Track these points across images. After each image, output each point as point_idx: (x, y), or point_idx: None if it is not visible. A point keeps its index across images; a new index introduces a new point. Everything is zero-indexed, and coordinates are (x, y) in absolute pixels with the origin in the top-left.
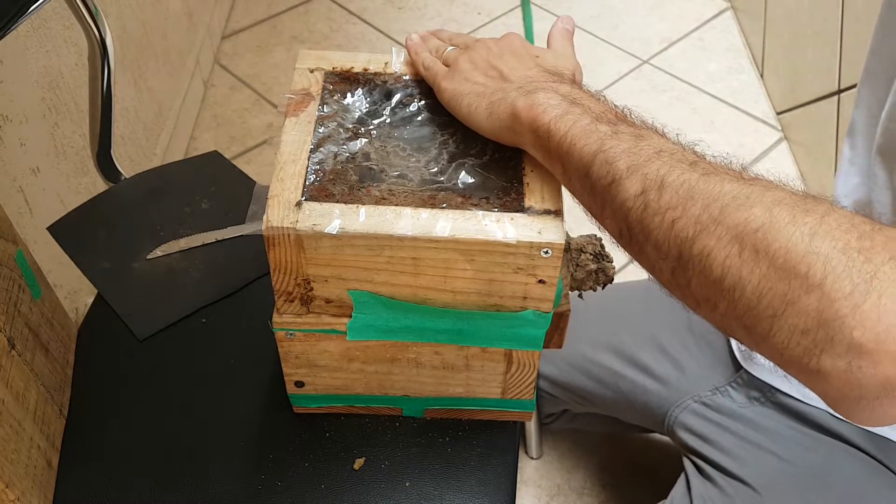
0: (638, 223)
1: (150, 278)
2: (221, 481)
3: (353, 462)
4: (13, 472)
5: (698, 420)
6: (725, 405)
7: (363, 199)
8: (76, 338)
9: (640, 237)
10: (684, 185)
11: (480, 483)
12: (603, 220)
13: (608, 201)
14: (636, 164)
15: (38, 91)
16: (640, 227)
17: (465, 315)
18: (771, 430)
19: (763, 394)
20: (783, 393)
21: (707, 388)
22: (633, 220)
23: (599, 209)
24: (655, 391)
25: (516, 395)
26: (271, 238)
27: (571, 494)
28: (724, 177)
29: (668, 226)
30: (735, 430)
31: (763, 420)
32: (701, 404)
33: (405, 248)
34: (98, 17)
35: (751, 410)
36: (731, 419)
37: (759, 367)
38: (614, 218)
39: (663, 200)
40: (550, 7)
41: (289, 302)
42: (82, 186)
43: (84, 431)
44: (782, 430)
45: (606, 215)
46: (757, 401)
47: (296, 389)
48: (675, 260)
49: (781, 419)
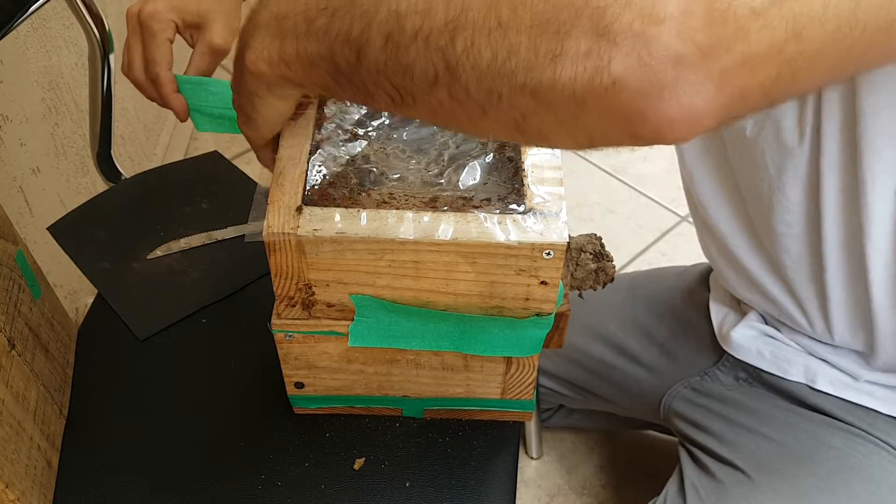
0: (398, 70)
1: (150, 278)
2: (221, 481)
3: (353, 462)
4: (13, 472)
5: (689, 406)
6: (714, 389)
7: (364, 203)
8: (76, 338)
9: (407, 82)
10: (420, 2)
11: (480, 483)
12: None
13: (366, 75)
14: (367, 22)
15: (38, 91)
16: (402, 71)
17: (467, 318)
18: (759, 410)
19: (748, 374)
20: (764, 371)
21: (695, 373)
22: (393, 71)
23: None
24: (646, 379)
25: (516, 396)
26: (272, 243)
27: (571, 494)
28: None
29: (423, 48)
30: (725, 415)
31: (751, 401)
32: (691, 389)
33: (407, 251)
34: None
35: (739, 392)
36: (721, 403)
37: (736, 345)
38: (378, 86)
39: (407, 30)
40: None
41: (290, 307)
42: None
43: (84, 431)
44: (770, 410)
45: (372, 91)
46: (745, 381)
47: (296, 391)
48: (445, 75)
49: (768, 398)
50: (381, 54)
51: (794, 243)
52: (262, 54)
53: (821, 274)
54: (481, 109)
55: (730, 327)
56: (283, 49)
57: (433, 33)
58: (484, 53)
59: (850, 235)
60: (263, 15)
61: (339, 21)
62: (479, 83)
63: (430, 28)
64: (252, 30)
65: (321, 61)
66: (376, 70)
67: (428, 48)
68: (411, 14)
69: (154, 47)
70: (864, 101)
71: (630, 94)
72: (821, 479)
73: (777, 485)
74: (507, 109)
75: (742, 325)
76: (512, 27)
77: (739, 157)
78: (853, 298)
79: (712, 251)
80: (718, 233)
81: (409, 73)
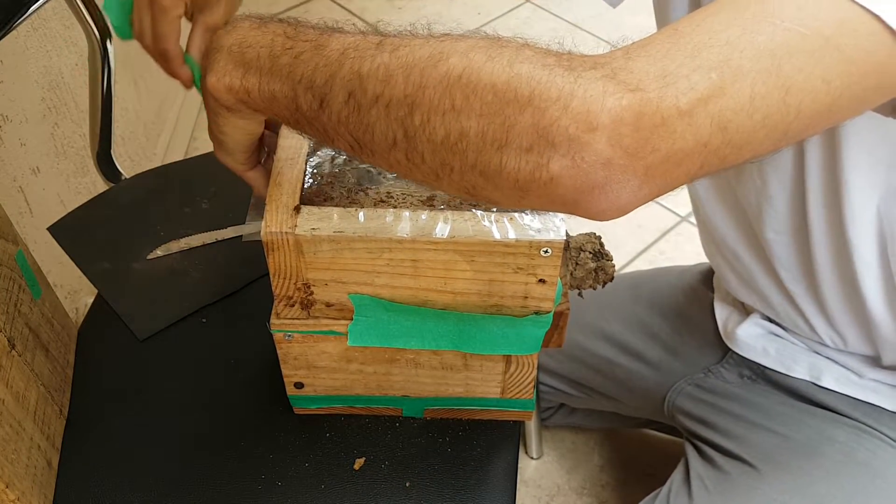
0: (359, 127)
1: (150, 278)
2: (221, 481)
3: (353, 462)
4: (13, 472)
5: (694, 403)
6: (718, 386)
7: (362, 202)
8: (76, 338)
9: (367, 139)
10: (381, 69)
11: (480, 483)
12: (335, 144)
13: (327, 122)
14: (330, 74)
15: (38, 91)
16: (362, 129)
17: (466, 316)
18: (764, 406)
19: (753, 371)
20: (769, 368)
21: (699, 370)
22: (354, 126)
23: (326, 135)
24: (650, 376)
25: (516, 395)
26: (270, 243)
27: (571, 494)
28: (413, 44)
29: (384, 114)
30: (730, 410)
31: (756, 397)
32: (695, 386)
33: (405, 250)
34: (98, 18)
35: (743, 389)
36: (725, 399)
37: (741, 343)
38: (339, 135)
39: (369, 93)
40: (550, 7)
41: (289, 306)
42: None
43: (84, 431)
44: (774, 406)
45: (333, 136)
46: (749, 378)
47: (295, 391)
48: (403, 142)
49: (772, 395)
50: (344, 109)
51: (786, 252)
52: (223, 79)
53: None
54: (436, 175)
55: (735, 325)
56: (245, 79)
57: (392, 103)
58: (438, 131)
59: (839, 250)
60: (227, 39)
61: (303, 66)
62: (433, 155)
63: (391, 97)
64: (215, 52)
65: (284, 99)
66: (338, 121)
67: (388, 115)
68: (372, 79)
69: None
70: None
71: (566, 189)
72: (827, 471)
73: (783, 476)
74: (458, 180)
75: (747, 323)
76: (464, 112)
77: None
78: (852, 309)
79: (715, 256)
80: (719, 237)
81: (369, 131)
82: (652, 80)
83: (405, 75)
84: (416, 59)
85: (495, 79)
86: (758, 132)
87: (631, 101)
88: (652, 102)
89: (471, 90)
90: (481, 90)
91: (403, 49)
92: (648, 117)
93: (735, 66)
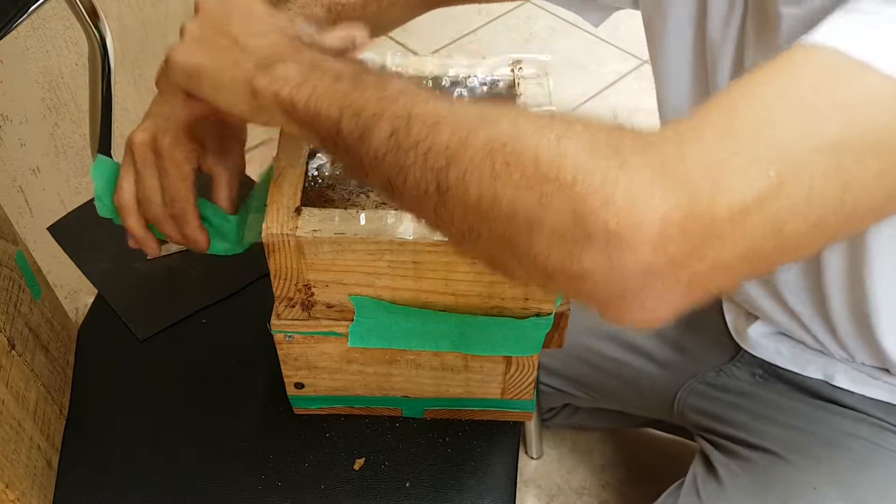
0: (394, 167)
1: (150, 278)
2: (221, 481)
3: (353, 462)
4: (13, 472)
5: (707, 401)
6: (731, 384)
7: (363, 204)
8: (76, 338)
9: (399, 182)
10: (431, 115)
11: (480, 483)
12: (368, 179)
13: (364, 155)
14: (382, 108)
15: (38, 91)
16: (396, 170)
17: (467, 318)
18: (781, 404)
19: (766, 370)
20: (782, 368)
21: (710, 368)
22: (389, 166)
23: (360, 168)
24: (659, 375)
25: (516, 396)
26: (271, 244)
27: (571, 494)
28: (471, 103)
29: (421, 160)
30: (746, 407)
31: (770, 395)
32: (707, 385)
33: (406, 251)
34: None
35: (757, 387)
36: (741, 397)
37: (753, 342)
38: (374, 171)
39: (412, 135)
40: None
41: (290, 307)
42: (82, 186)
43: (84, 431)
44: (790, 404)
45: (367, 171)
46: (761, 377)
47: (296, 391)
48: (434, 195)
49: (787, 392)
50: (383, 145)
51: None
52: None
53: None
54: (462, 237)
55: (745, 325)
56: (300, 88)
57: (432, 151)
58: (472, 191)
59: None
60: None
61: (358, 93)
62: (463, 216)
63: (431, 145)
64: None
65: (327, 120)
66: (375, 156)
67: (425, 163)
68: (419, 122)
69: (179, 180)
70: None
71: (596, 287)
72: (855, 460)
73: (813, 464)
74: (483, 249)
75: (759, 322)
76: (501, 178)
77: None
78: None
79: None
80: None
81: (402, 174)
82: (705, 172)
83: (452, 128)
84: (466, 115)
85: (539, 153)
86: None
87: (680, 199)
88: (703, 202)
89: (514, 158)
90: (524, 161)
91: (459, 105)
92: (698, 219)
93: (795, 159)
